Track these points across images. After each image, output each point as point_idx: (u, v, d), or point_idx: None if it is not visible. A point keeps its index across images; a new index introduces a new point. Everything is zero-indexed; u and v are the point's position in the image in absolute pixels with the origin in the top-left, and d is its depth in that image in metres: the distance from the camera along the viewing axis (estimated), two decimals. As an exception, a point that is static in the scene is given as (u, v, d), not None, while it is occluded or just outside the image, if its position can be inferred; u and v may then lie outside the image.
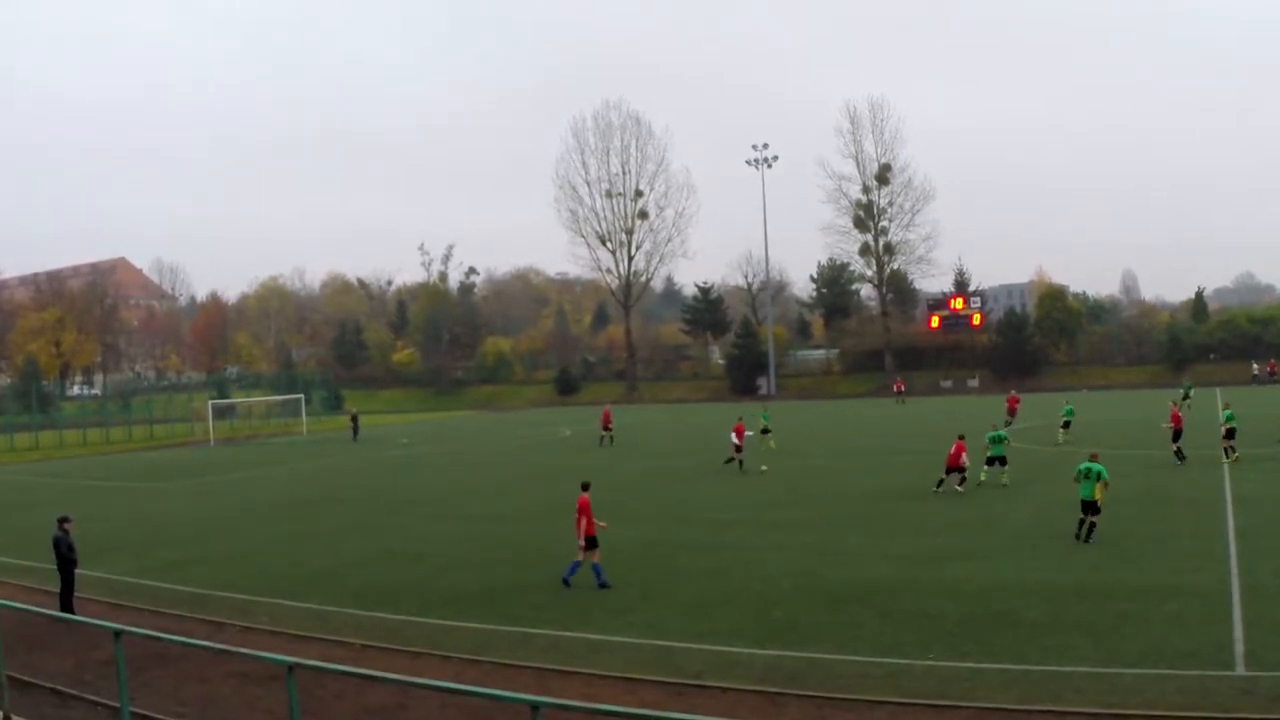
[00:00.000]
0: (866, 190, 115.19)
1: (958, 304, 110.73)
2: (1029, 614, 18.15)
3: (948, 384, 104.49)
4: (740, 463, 41.21)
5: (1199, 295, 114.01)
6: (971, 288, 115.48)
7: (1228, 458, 36.47)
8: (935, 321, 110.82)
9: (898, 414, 76.04)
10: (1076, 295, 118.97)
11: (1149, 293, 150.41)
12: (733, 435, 42.03)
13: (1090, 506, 23.84)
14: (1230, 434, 37.09)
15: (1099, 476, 23.81)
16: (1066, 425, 47.62)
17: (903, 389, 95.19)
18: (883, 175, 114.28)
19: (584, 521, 21.73)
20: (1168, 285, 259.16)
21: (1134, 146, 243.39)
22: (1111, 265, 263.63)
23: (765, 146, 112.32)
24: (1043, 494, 31.55)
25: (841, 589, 20.76)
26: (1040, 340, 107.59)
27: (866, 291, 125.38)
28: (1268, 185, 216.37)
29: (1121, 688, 14.24)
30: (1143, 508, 28.28)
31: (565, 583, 21.84)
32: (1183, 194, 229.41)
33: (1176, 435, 37.71)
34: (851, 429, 61.78)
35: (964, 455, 32.44)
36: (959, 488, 32.13)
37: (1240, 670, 14.72)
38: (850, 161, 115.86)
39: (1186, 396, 58.54)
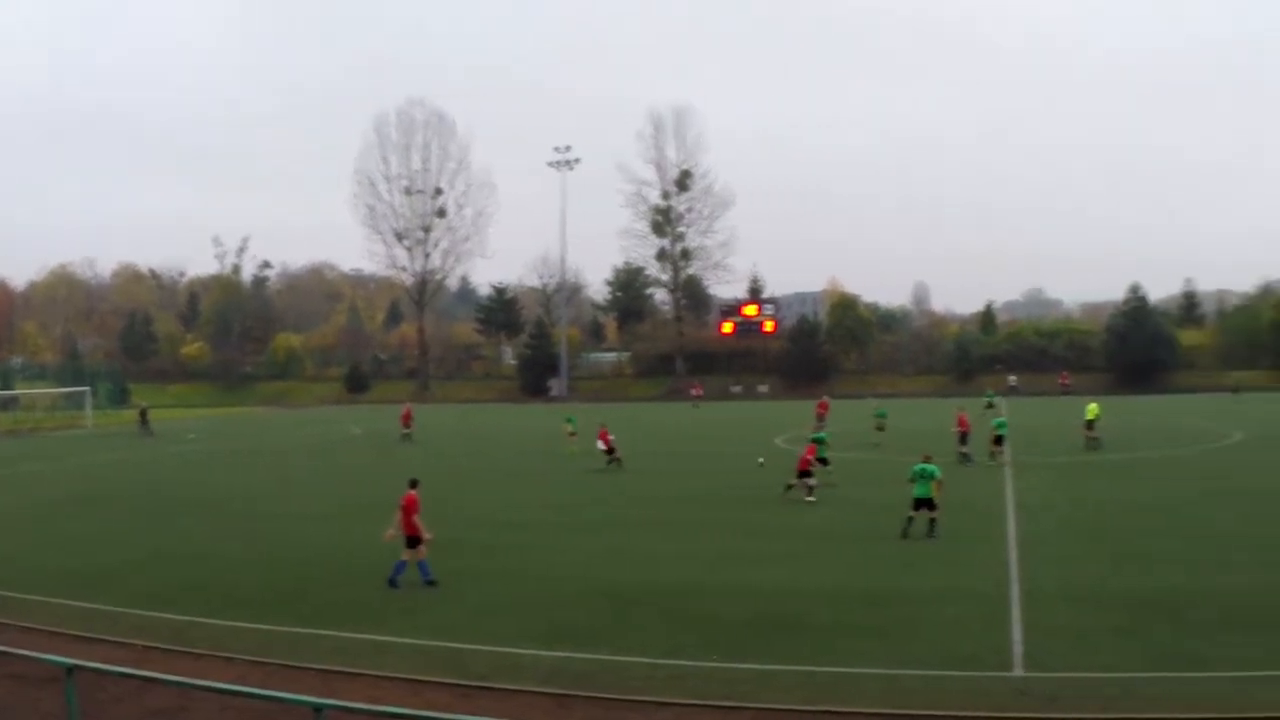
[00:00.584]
0: (666, 195, 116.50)
1: (751, 310, 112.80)
2: (817, 617, 18.26)
3: (738, 389, 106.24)
4: (619, 461, 41.03)
5: (988, 308, 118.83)
6: (765, 294, 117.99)
7: (993, 460, 39.20)
8: (728, 327, 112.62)
9: (694, 418, 76.87)
10: (868, 305, 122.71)
11: (940, 304, 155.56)
12: (599, 443, 41.84)
13: (926, 503, 25.03)
14: (999, 440, 40.01)
15: (933, 476, 25.12)
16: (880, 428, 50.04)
17: (700, 393, 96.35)
18: (683, 181, 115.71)
19: (406, 519, 21.12)
20: (958, 297, 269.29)
21: (928, 161, 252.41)
22: (904, 276, 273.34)
23: (568, 149, 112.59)
24: (838, 498, 32.00)
25: (632, 591, 20.59)
26: (831, 348, 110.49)
27: (661, 296, 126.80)
28: (1058, 203, 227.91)
29: (905, 689, 14.39)
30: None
31: (392, 583, 21.09)
32: (975, 209, 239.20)
33: (963, 439, 39.66)
34: (647, 433, 61.96)
35: (813, 460, 32.58)
36: (809, 498, 31.39)
37: (1018, 672, 15.02)
38: (651, 167, 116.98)
39: (990, 405, 60.88)
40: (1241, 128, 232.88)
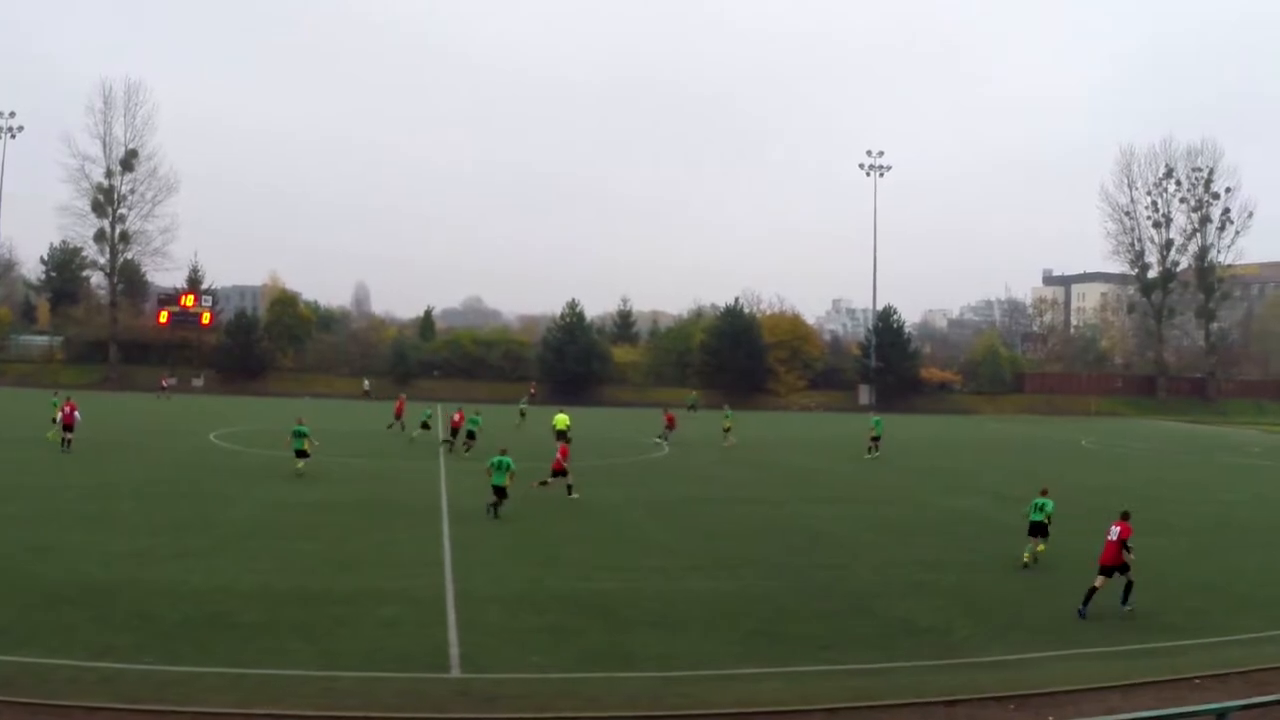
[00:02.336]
0: (110, 174, 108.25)
1: (189, 301, 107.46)
2: (247, 616, 17.39)
3: (172, 381, 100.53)
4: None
5: (428, 314, 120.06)
6: (205, 286, 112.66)
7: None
8: (164, 317, 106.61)
9: (161, 409, 71.51)
10: (308, 303, 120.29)
11: (380, 307, 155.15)
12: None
13: (500, 491, 27.94)
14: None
15: (508, 468, 28.06)
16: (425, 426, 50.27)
17: (169, 385, 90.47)
18: (128, 161, 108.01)
19: None
20: (399, 301, 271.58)
21: (374, 164, 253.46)
22: (346, 277, 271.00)
23: (13, 115, 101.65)
24: (259, 495, 31.18)
25: (57, 589, 18.67)
26: (269, 344, 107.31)
27: (98, 279, 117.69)
28: (500, 217, 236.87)
29: (341, 690, 13.93)
30: (363, 514, 28.62)
31: None
32: (419, 218, 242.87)
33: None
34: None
35: (567, 459, 33.14)
36: (573, 494, 32.31)
37: (455, 673, 14.99)
38: (98, 142, 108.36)
39: (693, 408, 59.90)
40: (671, 169, 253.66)
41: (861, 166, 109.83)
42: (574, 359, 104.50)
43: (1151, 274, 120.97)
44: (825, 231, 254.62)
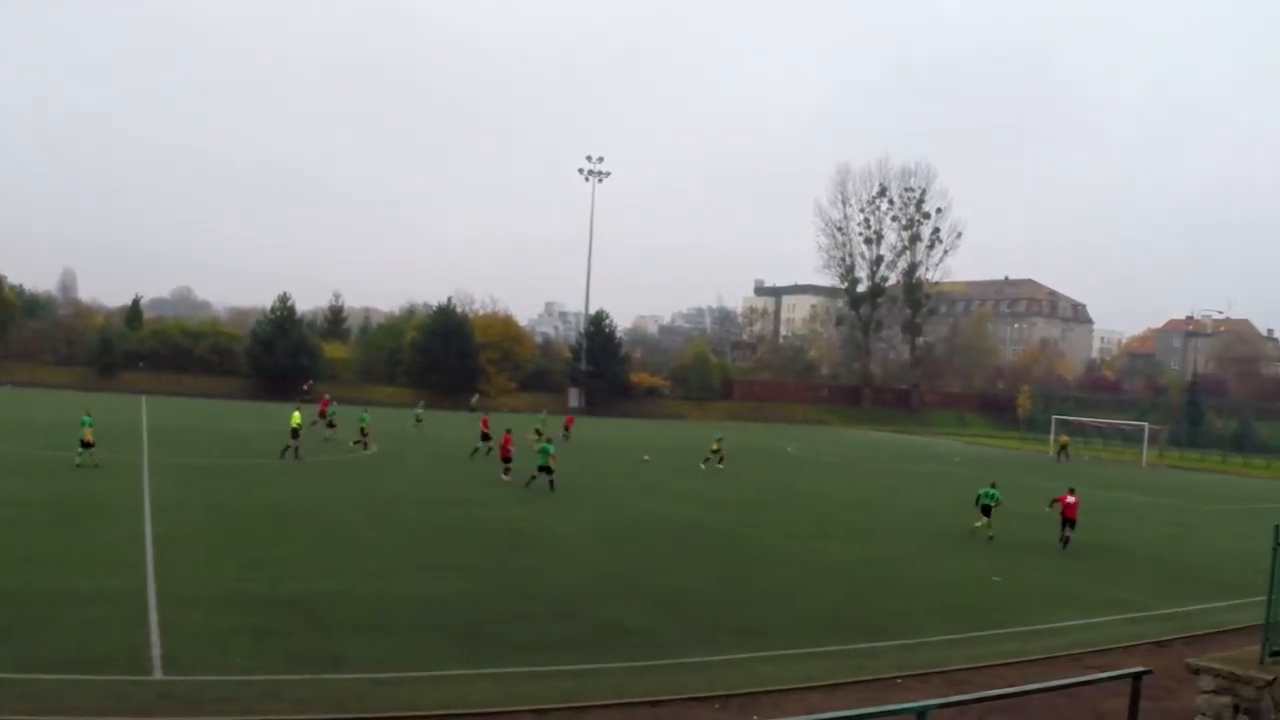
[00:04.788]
0: None
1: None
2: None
3: None
4: None
5: (135, 303, 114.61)
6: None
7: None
8: None
9: None
10: (13, 287, 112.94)
11: (87, 293, 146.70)
12: None
13: None
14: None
15: None
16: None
17: None
18: None
19: None
20: (107, 289, 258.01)
21: (77, 142, 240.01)
22: (53, 262, 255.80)
23: None
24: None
25: None
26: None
27: None
28: (215, 207, 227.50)
29: (41, 694, 13.67)
30: (62, 511, 27.66)
31: None
32: (125, 203, 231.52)
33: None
34: None
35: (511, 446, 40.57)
36: (505, 476, 39.92)
37: (158, 675, 14.89)
38: None
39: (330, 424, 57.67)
40: (391, 165, 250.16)
41: (581, 171, 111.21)
42: (284, 354, 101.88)
43: (861, 288, 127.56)
44: (543, 235, 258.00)
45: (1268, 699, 11.92)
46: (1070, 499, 32.79)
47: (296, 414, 46.09)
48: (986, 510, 33.28)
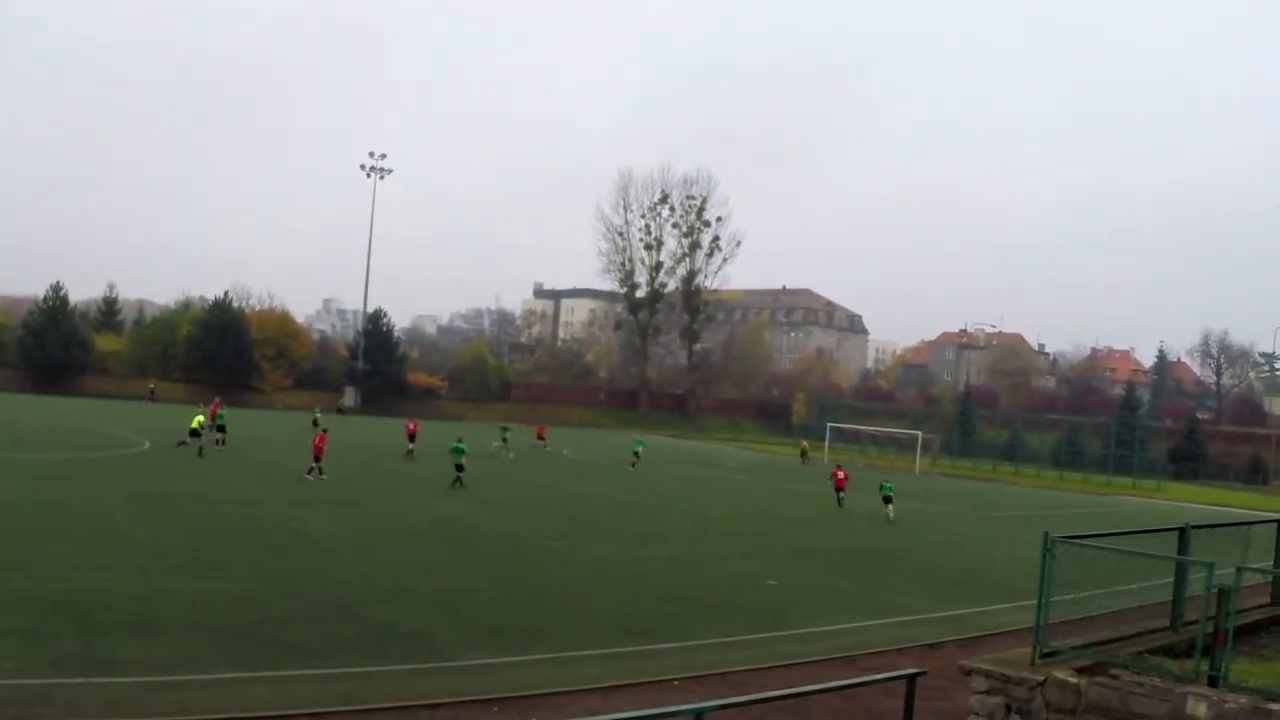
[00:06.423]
0: None
1: None
2: None
3: None
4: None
5: None
6: None
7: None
8: None
9: None
10: None
11: None
12: None
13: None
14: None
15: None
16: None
17: None
18: None
19: None
20: None
21: None
22: None
23: None
24: None
25: None
26: None
27: None
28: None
29: None
30: None
31: None
32: None
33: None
34: None
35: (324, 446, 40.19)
36: (308, 476, 39.83)
37: None
38: None
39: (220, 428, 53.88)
40: (170, 152, 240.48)
41: (363, 168, 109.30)
42: (55, 346, 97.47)
43: (640, 293, 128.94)
44: (325, 231, 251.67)
45: (1039, 699, 12.36)
46: (840, 474, 46.22)
47: (199, 416, 47.12)
48: (887, 500, 42.27)
